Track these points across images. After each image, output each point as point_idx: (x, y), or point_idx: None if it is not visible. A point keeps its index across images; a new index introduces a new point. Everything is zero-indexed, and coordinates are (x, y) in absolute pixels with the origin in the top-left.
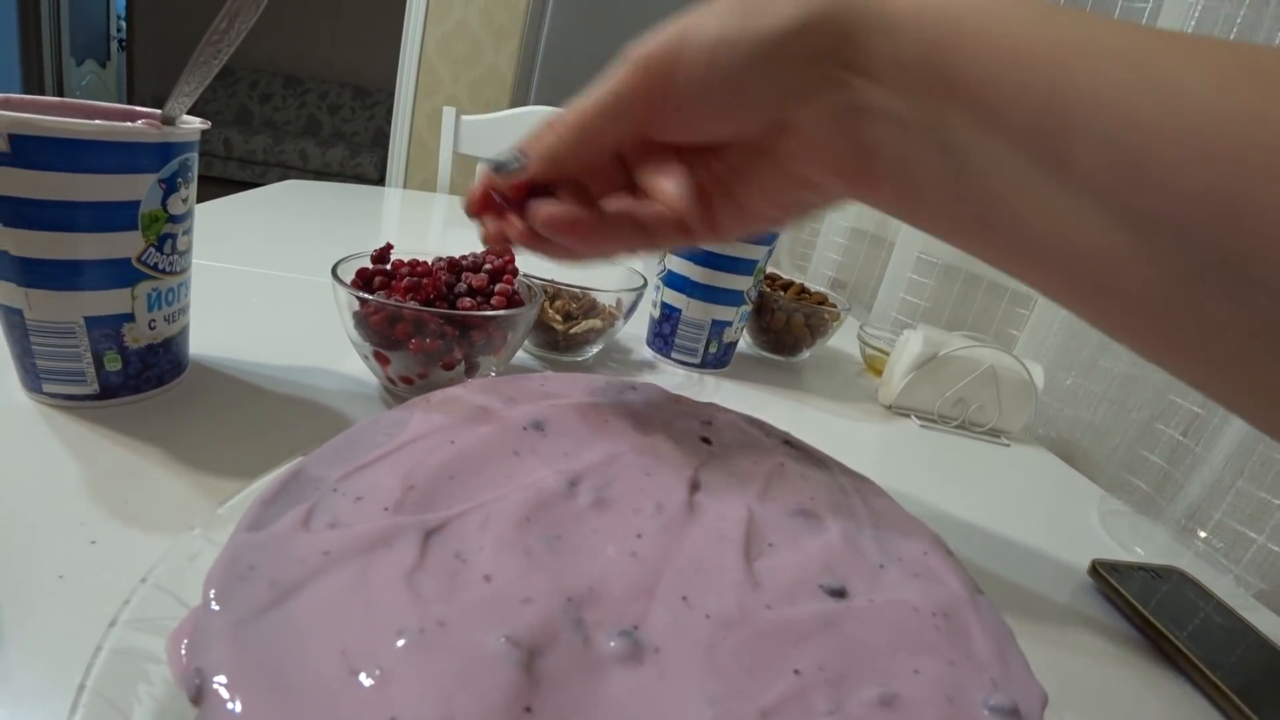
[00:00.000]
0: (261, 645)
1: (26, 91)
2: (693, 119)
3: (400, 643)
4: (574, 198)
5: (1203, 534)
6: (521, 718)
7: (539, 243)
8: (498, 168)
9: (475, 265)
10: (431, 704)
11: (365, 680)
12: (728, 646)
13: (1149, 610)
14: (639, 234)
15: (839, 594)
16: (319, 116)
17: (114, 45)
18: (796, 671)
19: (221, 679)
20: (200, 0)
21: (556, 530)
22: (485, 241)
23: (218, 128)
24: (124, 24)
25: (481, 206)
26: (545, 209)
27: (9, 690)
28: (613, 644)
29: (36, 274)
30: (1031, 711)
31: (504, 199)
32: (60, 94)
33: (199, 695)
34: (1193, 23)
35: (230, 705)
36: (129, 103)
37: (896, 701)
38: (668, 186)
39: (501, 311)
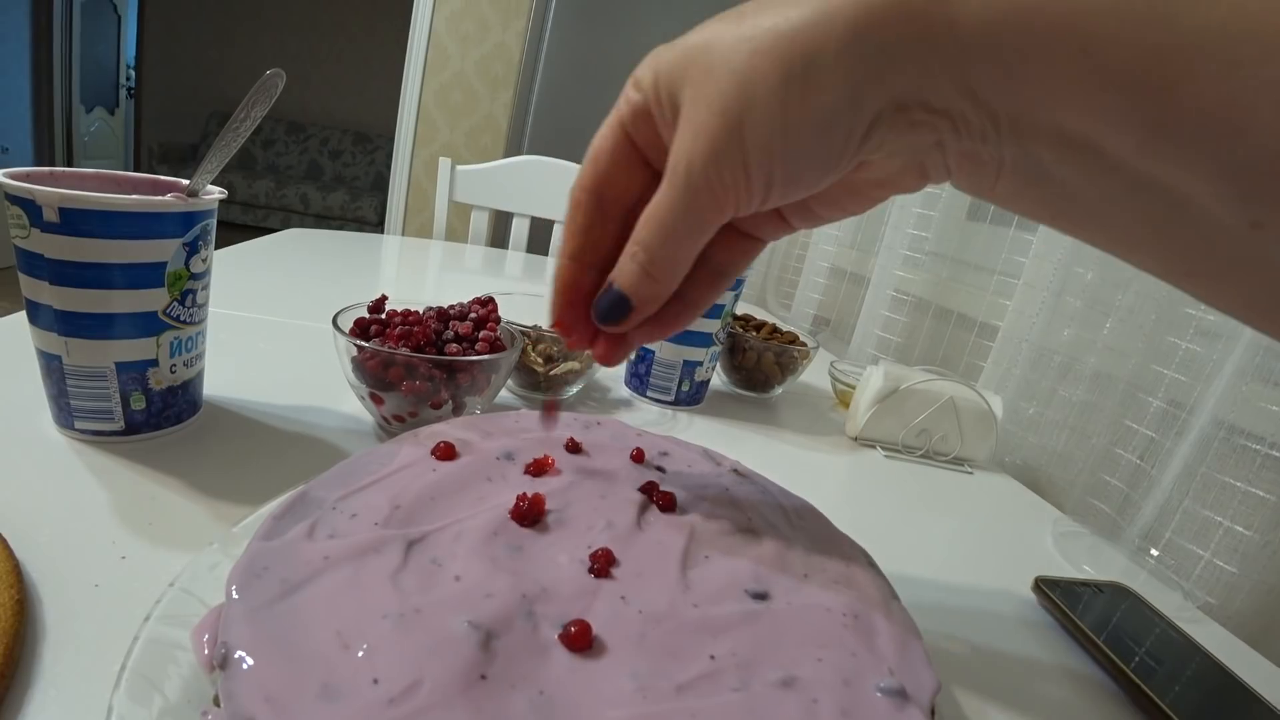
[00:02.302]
0: (273, 626)
1: (36, 136)
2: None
3: (384, 625)
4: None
5: (1155, 552)
6: (477, 683)
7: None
8: (606, 318)
9: (461, 314)
10: (406, 669)
11: (355, 651)
12: (655, 636)
13: (1086, 623)
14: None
15: (761, 597)
16: (320, 162)
17: (123, 94)
18: (712, 657)
19: (242, 650)
20: (207, 51)
21: (519, 542)
22: (570, 348)
23: (222, 172)
24: (133, 73)
25: (569, 328)
26: (642, 336)
27: (55, 677)
28: (557, 629)
29: (75, 325)
30: (920, 695)
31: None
32: (69, 139)
33: (224, 662)
34: None
35: (247, 667)
36: (135, 148)
37: (796, 682)
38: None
39: (485, 356)
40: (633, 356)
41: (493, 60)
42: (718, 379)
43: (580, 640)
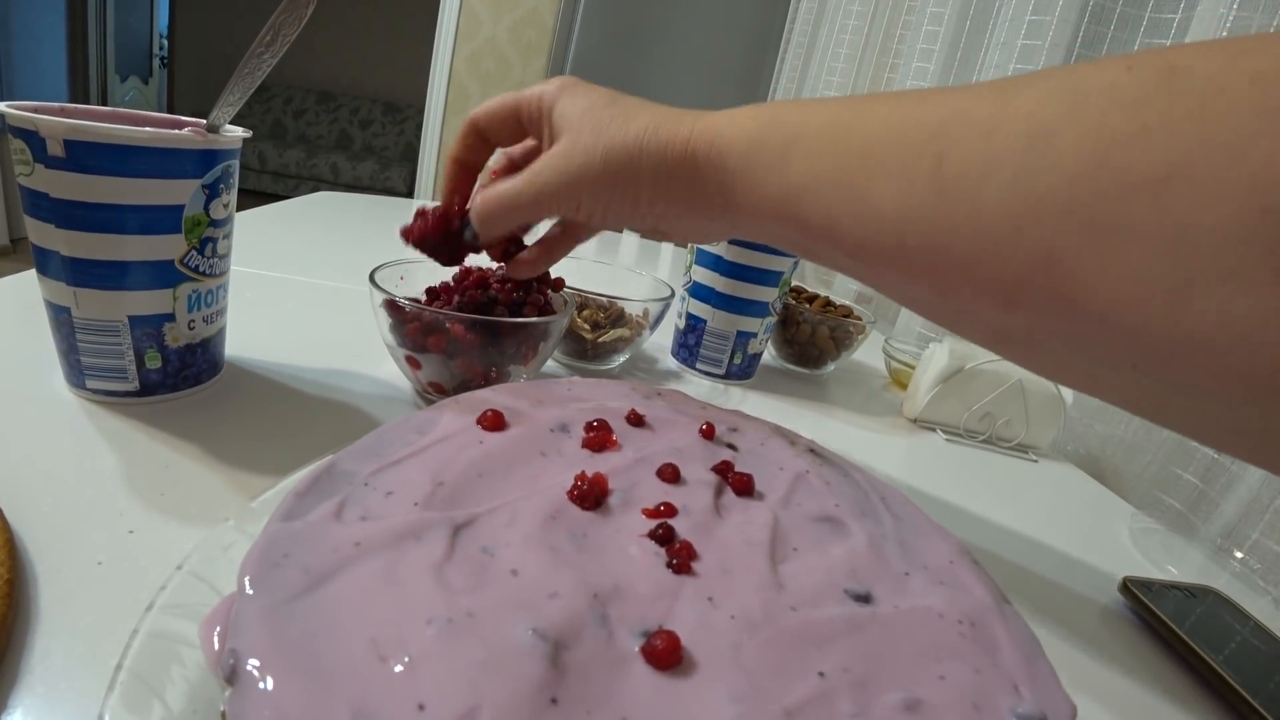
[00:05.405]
0: (294, 630)
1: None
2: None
3: (429, 631)
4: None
5: (1239, 554)
6: (547, 708)
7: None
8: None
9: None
10: (459, 691)
11: (394, 666)
12: (752, 647)
13: (1184, 631)
14: None
15: (864, 599)
16: (350, 131)
17: (156, 63)
18: (821, 674)
19: (255, 661)
20: (238, 22)
21: (582, 529)
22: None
23: (253, 142)
24: (166, 43)
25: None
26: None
27: (46, 669)
28: (638, 641)
29: (85, 274)
30: None
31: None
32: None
33: (233, 675)
34: (1224, 32)
35: (262, 685)
36: None
37: (921, 707)
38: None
39: (534, 319)
40: (681, 325)
41: (526, 26)
42: (766, 354)
43: (669, 656)
